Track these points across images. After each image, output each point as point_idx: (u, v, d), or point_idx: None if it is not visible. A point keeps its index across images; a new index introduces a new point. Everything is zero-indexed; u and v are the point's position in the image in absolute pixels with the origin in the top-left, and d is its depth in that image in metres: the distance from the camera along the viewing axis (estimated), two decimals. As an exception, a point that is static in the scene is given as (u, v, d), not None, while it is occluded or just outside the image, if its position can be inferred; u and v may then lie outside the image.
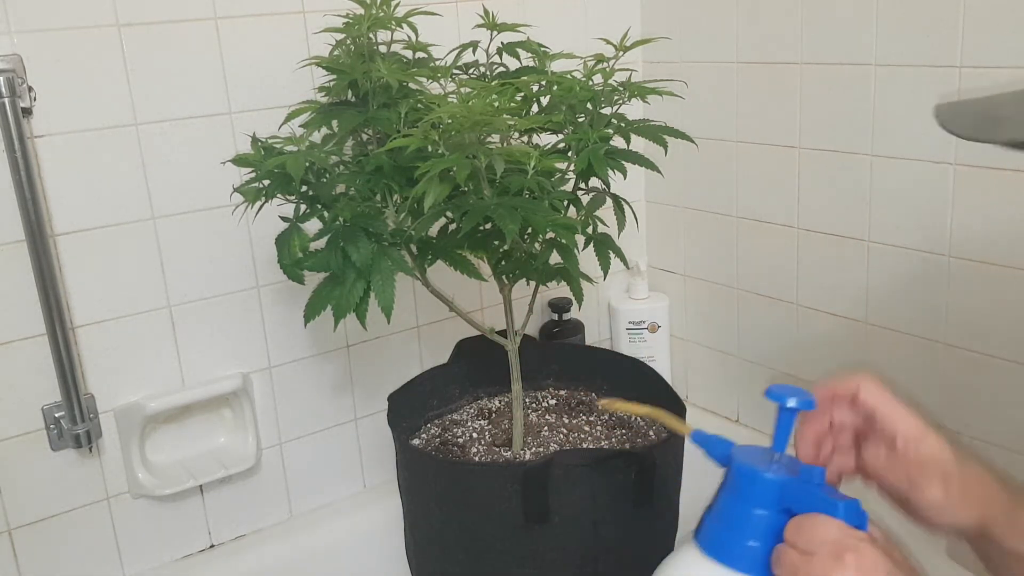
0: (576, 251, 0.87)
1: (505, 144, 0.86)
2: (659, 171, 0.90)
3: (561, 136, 0.90)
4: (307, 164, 0.82)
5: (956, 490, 0.63)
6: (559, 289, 1.12)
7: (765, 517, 0.60)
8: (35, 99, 0.96)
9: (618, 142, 0.89)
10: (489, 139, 0.83)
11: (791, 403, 0.62)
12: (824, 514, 0.57)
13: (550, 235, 0.85)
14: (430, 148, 0.79)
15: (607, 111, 0.90)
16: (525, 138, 0.93)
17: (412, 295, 1.24)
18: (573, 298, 0.94)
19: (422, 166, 0.76)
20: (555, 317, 1.39)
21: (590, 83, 0.89)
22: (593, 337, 1.47)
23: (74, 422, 1.02)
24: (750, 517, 0.61)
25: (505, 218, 0.76)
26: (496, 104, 0.78)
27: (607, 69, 0.89)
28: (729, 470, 0.63)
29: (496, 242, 0.87)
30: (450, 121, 0.76)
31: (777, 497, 0.61)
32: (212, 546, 1.17)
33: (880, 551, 0.55)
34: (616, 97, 0.89)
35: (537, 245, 0.89)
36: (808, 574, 0.55)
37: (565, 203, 0.87)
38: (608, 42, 0.92)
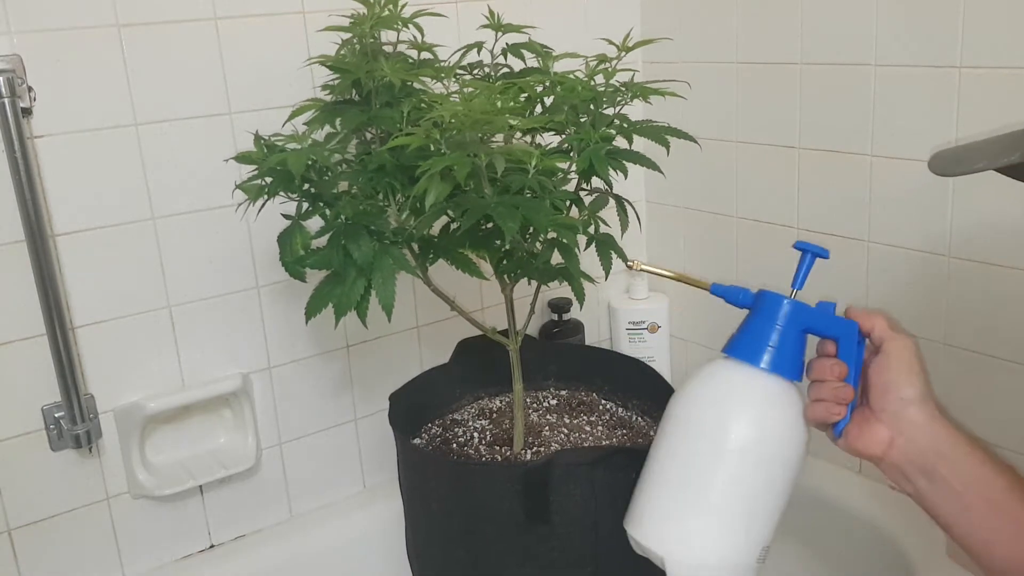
0: (577, 251, 0.87)
1: (508, 144, 0.86)
2: (660, 171, 0.90)
3: (563, 136, 0.90)
4: (309, 162, 0.81)
5: (929, 408, 0.71)
6: (559, 289, 1.12)
7: (786, 330, 0.74)
8: (35, 99, 0.96)
9: (620, 142, 0.89)
10: (492, 139, 0.83)
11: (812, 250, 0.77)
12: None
13: (552, 235, 0.85)
14: (432, 147, 0.79)
15: (609, 111, 0.90)
16: (528, 138, 0.93)
17: (412, 295, 1.24)
18: (574, 298, 0.93)
19: (423, 164, 0.76)
20: (555, 317, 1.39)
21: (592, 83, 0.89)
22: (593, 337, 1.47)
23: (74, 422, 1.02)
24: (773, 329, 0.74)
25: (505, 217, 0.76)
26: (499, 104, 0.78)
27: (609, 70, 0.89)
28: (757, 297, 0.77)
29: (497, 241, 0.87)
30: (452, 120, 0.76)
31: (795, 317, 0.74)
32: (212, 546, 1.17)
33: None
34: (619, 97, 0.89)
35: (538, 245, 0.89)
36: None
37: (568, 203, 0.87)
38: (611, 42, 0.92)
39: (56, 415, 1.02)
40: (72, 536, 1.06)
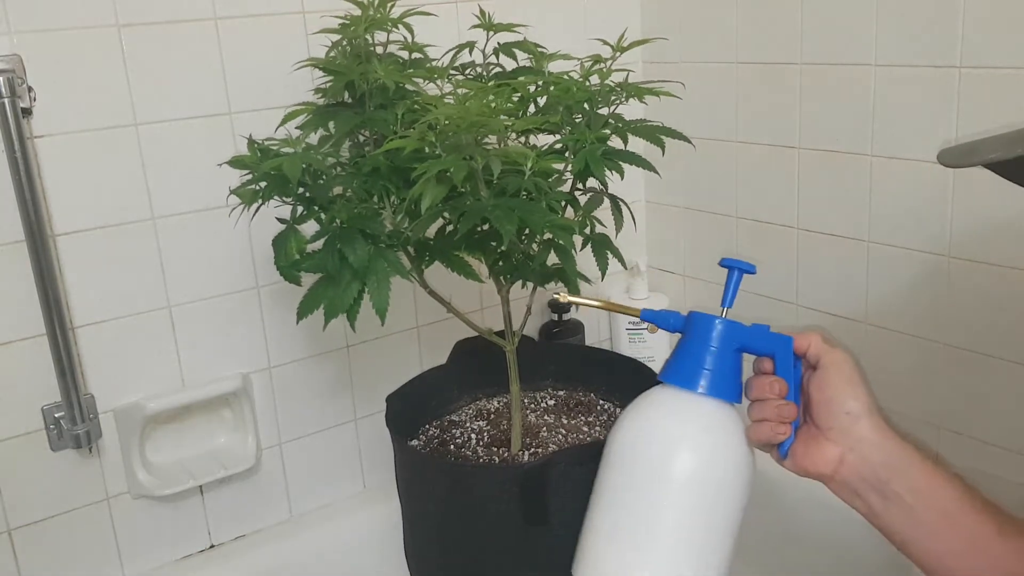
0: (573, 252, 0.87)
1: (503, 145, 0.86)
2: (656, 171, 0.90)
3: (558, 137, 0.89)
4: (304, 166, 0.81)
5: (878, 421, 0.70)
6: (559, 289, 1.12)
7: (719, 351, 0.72)
8: (35, 99, 0.96)
9: (616, 143, 0.89)
10: (487, 140, 0.83)
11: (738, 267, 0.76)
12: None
13: (547, 236, 0.85)
14: (427, 150, 0.79)
15: (604, 111, 0.89)
16: (523, 139, 0.93)
17: (412, 296, 1.24)
18: (572, 298, 0.93)
19: (419, 167, 0.76)
20: (555, 317, 1.39)
21: (586, 84, 0.89)
22: (593, 337, 1.47)
23: (74, 422, 1.02)
24: (708, 351, 0.72)
25: (502, 219, 0.76)
26: (493, 105, 0.78)
27: (604, 70, 0.89)
28: (688, 320, 0.75)
29: (493, 243, 0.87)
30: (447, 122, 0.76)
31: (729, 336, 0.72)
32: (212, 546, 1.17)
33: None
34: (614, 98, 0.89)
35: (535, 246, 0.89)
36: None
37: (563, 204, 0.87)
38: (605, 42, 0.92)
39: (56, 415, 1.02)
40: (72, 536, 1.07)
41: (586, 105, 0.88)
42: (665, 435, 0.72)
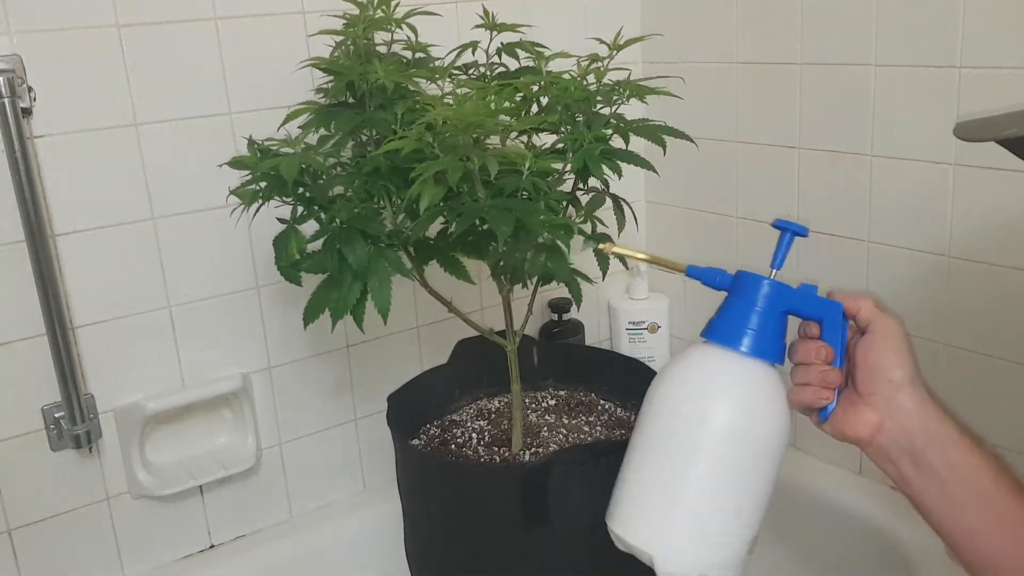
0: (567, 252, 0.87)
1: (504, 145, 0.86)
2: (655, 171, 0.90)
3: (558, 136, 0.89)
4: (303, 166, 0.81)
5: (920, 392, 0.70)
6: (559, 289, 1.12)
7: (766, 312, 0.71)
8: (35, 99, 0.96)
9: (617, 143, 0.89)
10: (488, 140, 0.83)
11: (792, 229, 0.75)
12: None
13: (543, 238, 0.85)
14: (425, 151, 0.79)
15: (606, 111, 0.89)
16: (524, 139, 0.93)
17: (412, 296, 1.24)
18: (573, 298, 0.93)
19: (416, 169, 0.76)
20: (555, 317, 1.39)
21: (584, 83, 0.88)
22: (593, 337, 1.47)
23: (74, 422, 1.02)
24: (753, 311, 0.72)
25: (498, 220, 0.76)
26: (492, 105, 0.77)
27: (601, 69, 0.89)
28: (736, 279, 0.74)
29: (493, 245, 0.87)
30: (444, 123, 0.76)
31: (777, 297, 0.72)
32: (212, 546, 1.17)
33: None
34: (615, 97, 0.89)
35: (532, 249, 0.89)
36: None
37: (564, 204, 0.87)
38: (602, 41, 0.92)
39: (56, 415, 1.02)
40: (72, 536, 1.07)
41: (587, 104, 0.87)
42: (705, 391, 0.72)
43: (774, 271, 0.74)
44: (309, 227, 0.88)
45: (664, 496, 0.72)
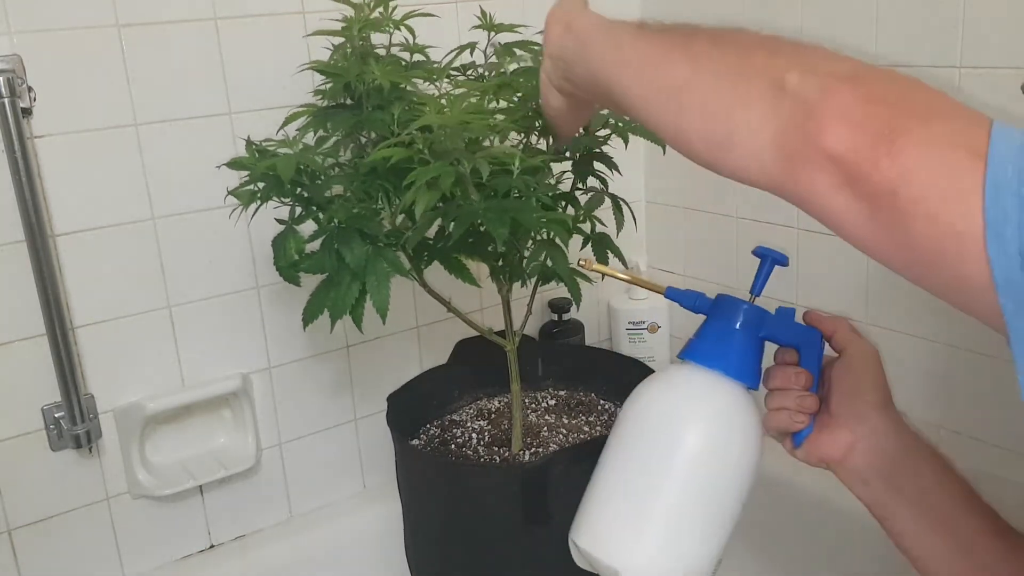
0: (566, 250, 0.87)
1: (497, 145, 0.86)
2: (662, 146, 0.90)
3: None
4: (301, 167, 0.81)
5: (894, 414, 0.71)
6: (559, 289, 1.12)
7: (745, 336, 0.72)
8: (35, 99, 0.96)
9: (617, 143, 0.89)
10: (484, 141, 0.83)
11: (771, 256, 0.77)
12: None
13: (540, 236, 0.85)
14: (415, 157, 0.79)
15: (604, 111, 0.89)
16: (522, 139, 0.93)
17: (411, 296, 1.24)
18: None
19: (409, 176, 0.76)
20: (555, 317, 1.39)
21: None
22: (593, 337, 1.47)
23: (74, 422, 1.02)
24: (732, 334, 0.72)
25: (494, 221, 0.76)
26: (492, 104, 0.77)
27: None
28: (715, 302, 0.75)
29: (491, 247, 0.87)
30: (438, 127, 0.76)
31: (755, 322, 0.73)
32: (212, 546, 1.17)
33: None
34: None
35: (530, 245, 0.89)
36: None
37: (564, 204, 0.87)
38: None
39: (56, 415, 1.02)
40: (72, 536, 1.07)
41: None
42: (678, 410, 0.72)
43: (753, 297, 0.75)
44: (308, 228, 0.88)
45: (635, 511, 0.72)
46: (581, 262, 0.81)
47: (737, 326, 0.72)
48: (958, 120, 0.46)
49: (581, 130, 0.87)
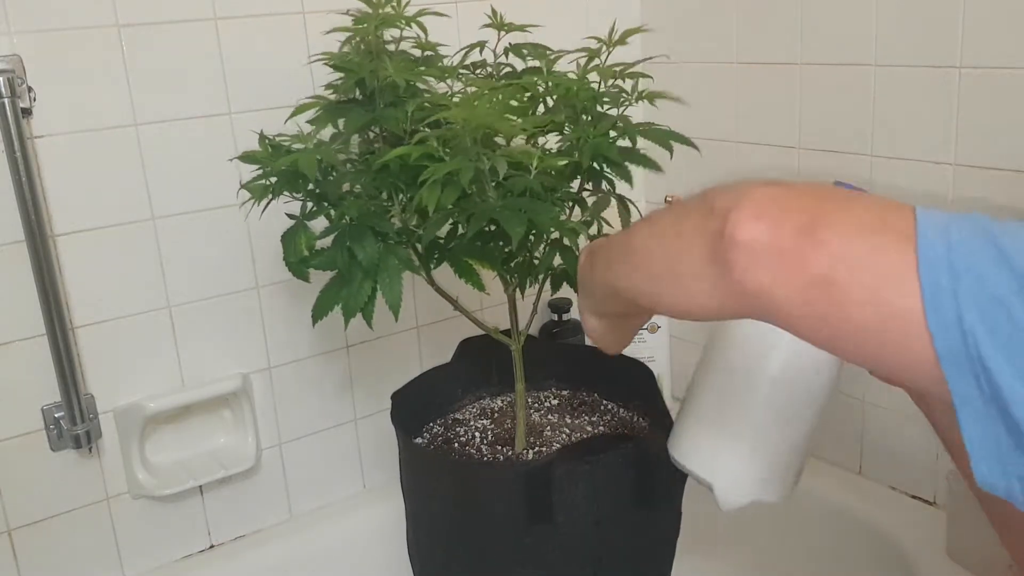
0: (577, 252, 0.87)
1: (509, 145, 0.86)
2: (660, 169, 0.90)
3: (561, 136, 0.89)
4: (320, 162, 0.81)
5: None
6: (559, 289, 1.12)
7: None
8: (35, 99, 0.96)
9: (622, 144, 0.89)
10: (495, 139, 0.83)
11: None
12: None
13: (554, 236, 0.85)
14: (434, 155, 0.79)
15: (613, 112, 0.90)
16: (531, 139, 0.93)
17: (412, 295, 1.24)
18: (575, 299, 0.93)
19: (425, 172, 0.76)
20: (555, 317, 1.39)
21: (587, 82, 0.88)
22: (592, 337, 1.47)
23: (74, 422, 1.02)
24: None
25: (511, 220, 0.76)
26: (507, 103, 0.77)
27: (601, 67, 0.89)
28: None
29: (501, 244, 0.87)
30: (456, 125, 0.76)
31: None
32: (212, 546, 1.17)
33: None
34: (623, 99, 0.89)
35: (542, 247, 0.89)
36: None
37: (571, 205, 0.87)
38: (597, 39, 0.92)
39: (56, 415, 1.02)
40: (72, 536, 1.06)
41: (594, 104, 0.87)
42: (764, 334, 0.76)
43: None
44: (315, 224, 0.87)
45: (725, 428, 0.79)
46: (669, 197, 0.84)
47: None
48: (879, 208, 0.48)
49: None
